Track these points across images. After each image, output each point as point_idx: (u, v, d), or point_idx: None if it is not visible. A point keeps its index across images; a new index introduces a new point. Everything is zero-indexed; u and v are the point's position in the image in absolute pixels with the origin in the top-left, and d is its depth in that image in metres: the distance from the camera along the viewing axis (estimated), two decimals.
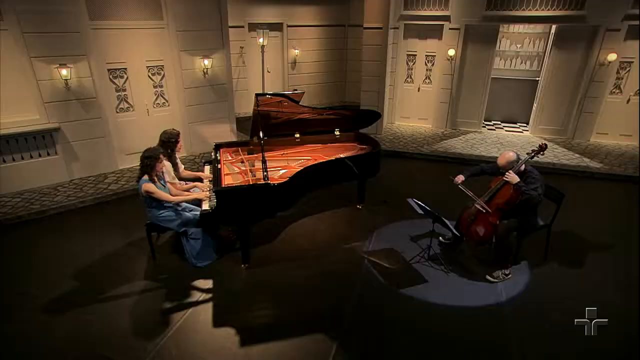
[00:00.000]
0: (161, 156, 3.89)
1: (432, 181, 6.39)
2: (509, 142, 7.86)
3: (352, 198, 5.31)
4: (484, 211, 3.87)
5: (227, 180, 4.04)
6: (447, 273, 3.98)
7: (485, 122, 8.89)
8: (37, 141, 5.45)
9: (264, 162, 3.82)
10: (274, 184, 3.66)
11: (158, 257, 4.19)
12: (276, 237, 4.58)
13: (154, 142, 4.36)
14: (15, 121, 5.24)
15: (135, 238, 4.53)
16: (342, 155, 4.61)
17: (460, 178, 4.01)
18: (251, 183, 3.92)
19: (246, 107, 9.25)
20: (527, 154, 3.76)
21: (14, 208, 5.05)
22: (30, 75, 5.20)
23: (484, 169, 4.10)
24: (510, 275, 3.88)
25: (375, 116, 5.01)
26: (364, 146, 5.03)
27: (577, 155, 7.11)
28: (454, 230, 3.80)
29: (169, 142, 4.28)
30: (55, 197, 5.35)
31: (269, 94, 4.10)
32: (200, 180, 4.54)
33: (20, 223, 4.90)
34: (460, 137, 8.17)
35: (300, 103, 4.42)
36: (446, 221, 3.76)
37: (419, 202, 3.96)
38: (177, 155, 4.49)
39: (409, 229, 4.77)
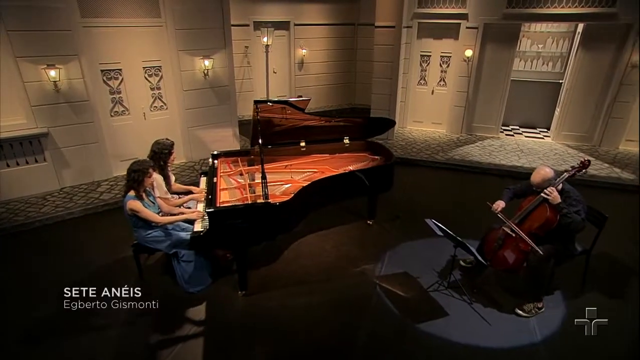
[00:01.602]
0: (150, 170, 3.47)
1: (448, 192, 5.91)
2: (530, 150, 7.33)
3: (362, 212, 4.85)
4: (514, 235, 3.39)
5: (223, 197, 3.60)
6: (471, 304, 3.50)
7: (503, 127, 8.36)
8: (24, 147, 5.08)
9: (263, 177, 3.37)
10: (275, 203, 3.21)
11: (146, 279, 3.78)
12: (277, 258, 4.14)
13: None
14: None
15: (124, 255, 4.10)
16: (351, 168, 4.16)
17: (500, 205, 3.52)
18: (249, 202, 3.47)
19: (251, 110, 8.83)
20: (567, 171, 3.26)
21: None
22: (16, 77, 4.83)
23: (516, 191, 3.61)
24: (543, 309, 3.39)
25: (388, 124, 4.55)
26: (376, 157, 4.56)
27: (606, 164, 6.57)
28: (480, 258, 3.33)
29: (161, 154, 3.85)
30: (42, 208, 4.98)
31: (270, 101, 3.65)
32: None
33: (1, 237, 4.53)
34: (477, 144, 7.66)
35: (306, 110, 3.98)
36: (471, 248, 3.29)
37: (439, 224, 3.49)
38: (170, 167, 4.07)
39: (425, 250, 4.30)
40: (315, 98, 9.90)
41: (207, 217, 3.22)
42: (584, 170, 3.23)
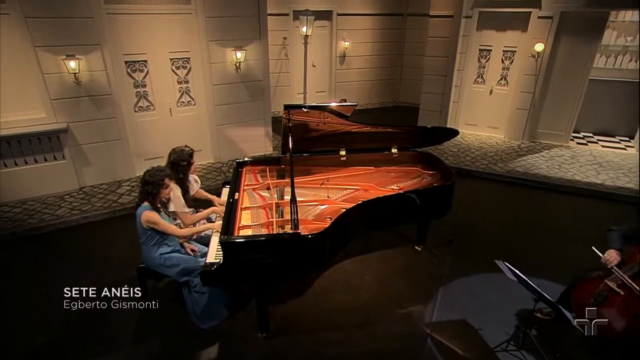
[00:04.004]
0: (166, 180, 2.93)
1: (510, 212, 4.99)
2: (610, 163, 6.20)
3: (408, 233, 4.09)
4: (623, 293, 2.52)
5: (244, 220, 2.97)
6: None
7: (573, 135, 7.20)
8: (43, 143, 4.73)
9: (293, 199, 2.71)
10: (306, 236, 2.53)
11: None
12: (306, 290, 3.48)
13: (176, 145, 3.40)
14: (17, 120, 4.54)
15: (133, 275, 3.60)
16: (402, 187, 3.41)
17: (614, 256, 2.65)
18: (274, 230, 2.81)
19: None
20: None
21: (11, 221, 4.37)
22: (35, 68, 4.47)
23: (626, 234, 2.72)
24: None
25: (448, 134, 3.74)
26: (430, 172, 3.77)
27: None
28: (574, 322, 2.49)
29: (179, 165, 3.26)
30: (58, 210, 4.62)
31: (306, 107, 2.96)
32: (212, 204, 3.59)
33: (14, 240, 4.20)
34: (542, 153, 6.61)
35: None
36: (564, 310, 2.46)
37: (515, 270, 2.69)
38: (191, 175, 3.49)
39: (486, 290, 3.50)
40: (357, 94, 9.15)
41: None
42: None
